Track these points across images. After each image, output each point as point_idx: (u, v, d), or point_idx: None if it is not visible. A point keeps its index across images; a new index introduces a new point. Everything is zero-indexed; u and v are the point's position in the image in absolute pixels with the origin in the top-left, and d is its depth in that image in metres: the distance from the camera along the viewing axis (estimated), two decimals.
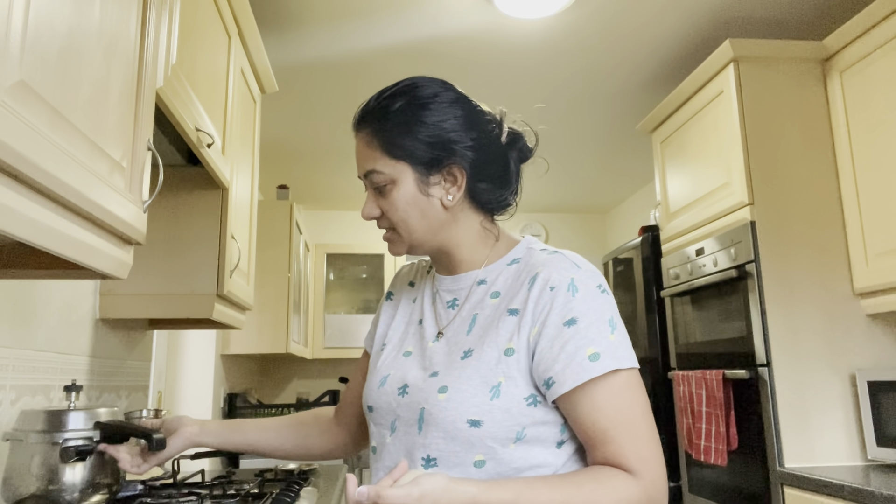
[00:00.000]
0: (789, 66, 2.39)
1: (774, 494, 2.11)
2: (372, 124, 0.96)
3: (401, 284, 1.13)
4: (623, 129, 3.57)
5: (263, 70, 2.34)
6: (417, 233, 0.97)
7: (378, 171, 0.95)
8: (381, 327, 1.10)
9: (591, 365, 0.85)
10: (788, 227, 2.27)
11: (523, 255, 0.98)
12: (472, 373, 0.89)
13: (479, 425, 0.86)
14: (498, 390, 0.87)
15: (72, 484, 1.25)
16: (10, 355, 1.42)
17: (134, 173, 1.07)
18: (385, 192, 0.96)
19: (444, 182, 0.96)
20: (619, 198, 4.93)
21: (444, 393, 0.89)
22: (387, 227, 0.99)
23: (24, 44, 0.73)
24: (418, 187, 0.95)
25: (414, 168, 0.95)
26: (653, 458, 0.86)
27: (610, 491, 0.82)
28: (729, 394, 2.31)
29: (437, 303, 1.03)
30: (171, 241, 1.84)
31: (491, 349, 0.90)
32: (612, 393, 0.86)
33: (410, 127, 0.94)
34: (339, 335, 4.65)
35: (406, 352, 1.01)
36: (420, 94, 0.96)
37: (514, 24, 2.51)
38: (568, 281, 0.89)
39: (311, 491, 1.85)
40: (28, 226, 0.77)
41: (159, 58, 1.21)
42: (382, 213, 0.98)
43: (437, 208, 0.96)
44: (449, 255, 1.01)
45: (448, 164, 0.95)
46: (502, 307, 0.93)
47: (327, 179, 4.42)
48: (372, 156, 0.96)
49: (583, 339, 0.86)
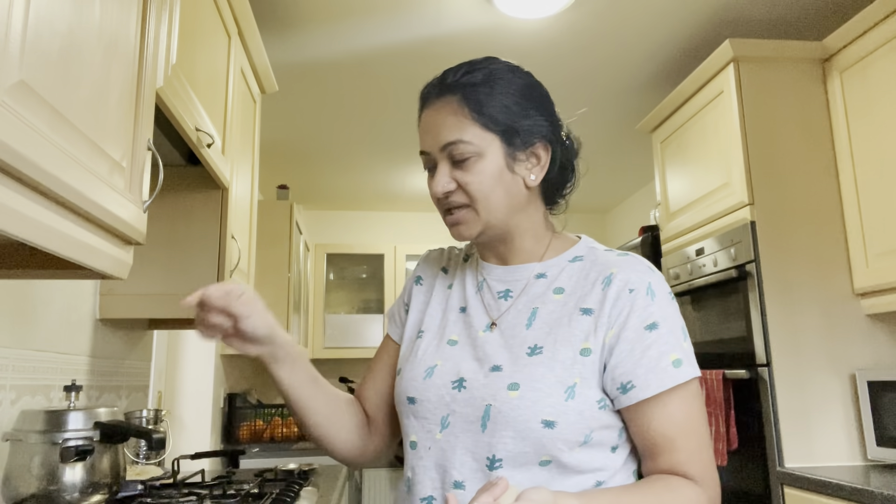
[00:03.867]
0: (789, 66, 2.39)
1: (774, 494, 2.10)
2: (461, 91, 0.91)
3: (431, 269, 1.07)
4: (623, 129, 3.56)
5: (263, 70, 2.34)
6: (498, 212, 0.91)
7: (465, 142, 0.89)
8: (413, 313, 1.03)
9: (675, 371, 0.84)
10: (788, 227, 2.27)
11: (586, 254, 0.96)
12: (545, 371, 0.86)
13: (553, 426, 0.83)
14: (573, 391, 0.84)
15: (72, 484, 1.25)
16: (10, 355, 1.42)
17: (134, 173, 1.07)
18: (467, 165, 0.90)
19: (529, 161, 0.93)
20: (619, 198, 4.93)
21: (516, 391, 0.85)
22: (460, 205, 0.92)
23: (24, 44, 0.73)
24: (506, 162, 0.91)
25: (504, 142, 0.91)
26: (713, 466, 0.87)
27: (683, 500, 0.82)
28: (729, 394, 2.31)
29: (484, 291, 0.98)
30: (171, 241, 1.84)
31: (565, 348, 0.87)
32: (684, 401, 0.85)
33: (507, 100, 0.91)
34: (339, 335, 4.65)
35: (451, 340, 0.95)
36: (520, 71, 0.95)
37: (514, 24, 2.51)
38: (646, 284, 0.88)
39: (311, 491, 1.85)
40: (28, 226, 0.77)
41: (159, 58, 1.21)
42: (460, 187, 0.91)
43: (521, 187, 0.93)
44: (510, 242, 0.97)
45: (536, 143, 0.93)
46: (571, 305, 0.90)
47: (327, 179, 4.42)
48: (458, 125, 0.90)
49: (665, 344, 0.85)
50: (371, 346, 4.60)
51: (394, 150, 3.89)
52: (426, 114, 0.94)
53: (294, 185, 4.49)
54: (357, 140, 3.71)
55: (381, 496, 4.58)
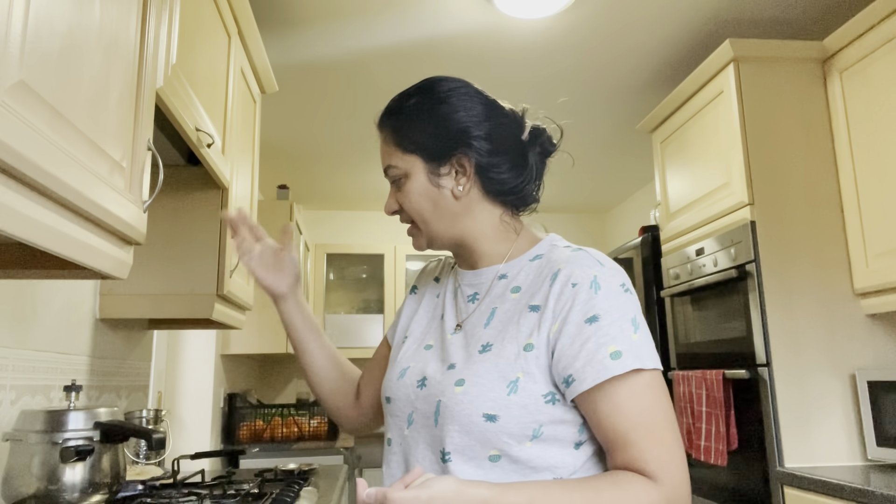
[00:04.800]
0: (789, 66, 2.39)
1: (774, 494, 2.11)
2: (389, 122, 1.01)
3: (426, 279, 1.15)
4: (623, 129, 3.57)
5: (263, 70, 2.34)
6: (433, 224, 0.99)
7: (393, 166, 0.99)
8: (403, 320, 1.11)
9: (613, 363, 0.84)
10: (788, 227, 2.27)
11: (546, 252, 0.98)
12: (489, 367, 0.88)
13: (495, 420, 0.85)
14: (515, 386, 0.86)
15: (72, 484, 1.25)
16: (10, 355, 1.42)
17: (134, 173, 1.07)
18: (401, 185, 0.99)
19: (454, 173, 0.98)
20: (619, 198, 4.93)
21: (461, 386, 0.88)
22: (407, 222, 1.02)
23: (24, 44, 0.73)
24: (428, 178, 0.98)
25: (424, 160, 0.98)
26: (674, 463, 0.83)
27: (629, 497, 0.80)
28: (729, 394, 2.31)
29: (458, 297, 1.03)
30: (171, 241, 1.84)
31: (510, 344, 0.89)
32: (633, 394, 0.84)
33: (421, 121, 0.98)
34: (339, 335, 4.65)
35: (427, 345, 1.01)
36: (434, 90, 0.99)
37: (514, 24, 2.51)
38: (591, 278, 0.89)
39: (311, 491, 1.85)
40: (28, 226, 0.77)
41: (159, 58, 1.21)
42: (401, 207, 1.01)
43: (449, 199, 0.98)
44: (469, 248, 1.02)
45: (457, 154, 0.97)
46: (523, 302, 0.93)
47: (327, 179, 4.42)
48: (388, 152, 1.00)
49: (604, 336, 0.85)
50: (371, 346, 4.61)
51: None
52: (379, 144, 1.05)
53: (294, 185, 4.49)
54: (357, 140, 3.71)
55: None
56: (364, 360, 4.91)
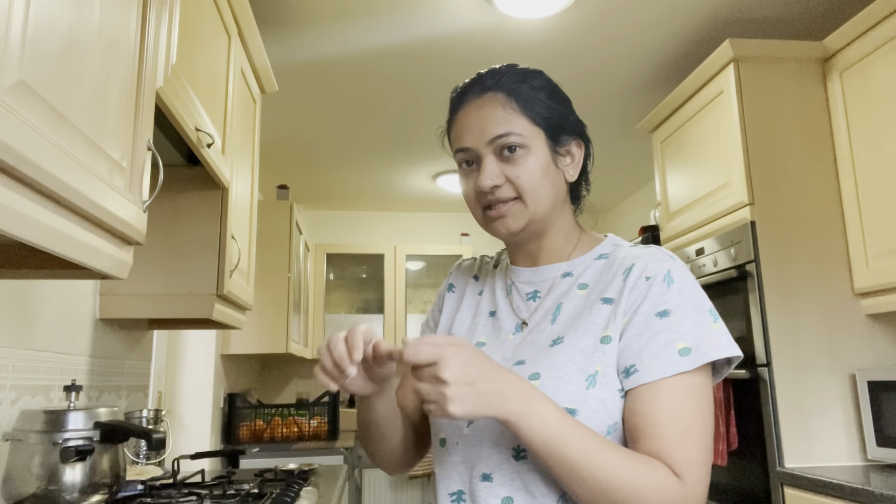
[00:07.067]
0: (789, 66, 2.39)
1: (774, 494, 2.10)
2: (509, 87, 0.94)
3: (463, 277, 1.10)
4: (623, 129, 3.57)
5: (263, 70, 2.34)
6: (544, 204, 0.93)
7: (516, 133, 0.91)
8: (444, 319, 1.07)
9: (682, 359, 0.82)
10: (788, 227, 2.27)
11: (611, 251, 0.97)
12: (565, 360, 0.85)
13: (575, 414, 0.82)
14: (594, 379, 0.84)
15: (72, 484, 1.25)
16: (10, 355, 1.42)
17: (134, 173, 1.07)
18: (516, 158, 0.91)
19: (567, 157, 0.97)
20: (619, 198, 4.94)
21: (537, 380, 0.85)
22: (508, 198, 0.92)
23: (24, 44, 0.73)
24: (552, 157, 0.94)
25: (549, 137, 0.94)
26: (700, 468, 0.80)
27: (654, 477, 0.77)
28: (729, 394, 2.31)
29: (513, 294, 1.00)
30: (171, 241, 1.84)
31: (585, 336, 0.87)
32: (682, 391, 0.81)
33: (549, 98, 0.96)
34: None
35: (479, 342, 0.98)
36: (543, 74, 1.01)
37: (514, 24, 2.51)
38: (665, 272, 0.87)
39: (310, 491, 1.85)
40: (28, 226, 0.77)
41: (159, 58, 1.21)
42: (508, 180, 0.92)
43: (562, 182, 0.96)
44: (543, 239, 0.99)
45: (572, 139, 0.97)
46: (594, 296, 0.91)
47: (327, 179, 4.42)
48: (507, 118, 0.92)
49: (675, 332, 0.83)
50: None
51: (394, 150, 3.89)
52: (467, 110, 0.96)
53: (294, 185, 4.49)
54: (357, 140, 3.71)
55: (381, 496, 4.58)
56: None
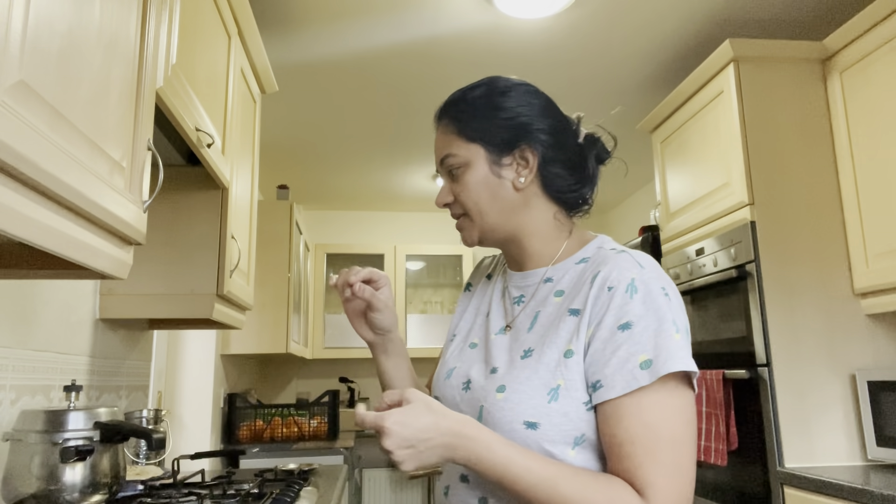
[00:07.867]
0: (789, 66, 2.39)
1: (774, 494, 2.10)
2: (450, 112, 1.00)
3: (479, 276, 1.14)
4: (623, 129, 3.57)
5: (263, 70, 2.34)
6: (489, 216, 0.97)
7: (452, 154, 0.97)
8: (455, 318, 1.11)
9: (642, 373, 0.81)
10: (788, 227, 2.27)
11: (593, 255, 0.96)
12: (530, 374, 0.87)
13: (536, 427, 0.84)
14: (556, 393, 0.85)
15: (72, 484, 1.25)
16: (10, 355, 1.42)
17: (134, 173, 1.07)
18: (458, 175, 0.97)
19: (516, 164, 0.97)
20: (619, 198, 4.94)
21: (503, 393, 0.88)
22: (459, 214, 1.00)
23: (24, 44, 0.73)
24: (490, 168, 0.96)
25: (487, 150, 0.96)
26: (668, 485, 0.78)
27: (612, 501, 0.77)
28: (729, 394, 2.31)
29: (505, 298, 1.03)
30: (171, 241, 1.84)
31: (550, 350, 0.88)
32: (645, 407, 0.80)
33: (486, 111, 0.97)
34: (339, 335, 4.65)
35: (472, 343, 1.02)
36: (499, 84, 1.00)
37: (513, 24, 2.51)
38: (628, 281, 0.86)
39: (311, 491, 1.85)
40: (28, 226, 0.77)
41: (159, 58, 1.21)
42: (455, 198, 0.98)
43: (509, 190, 0.97)
44: (520, 245, 1.00)
45: (521, 146, 0.96)
46: (564, 306, 0.92)
47: (327, 179, 4.42)
48: (448, 141, 0.99)
49: (636, 344, 0.82)
50: None
51: (394, 150, 3.89)
52: (435, 137, 1.03)
53: (294, 185, 4.50)
54: (357, 140, 3.71)
55: (381, 496, 4.58)
56: (364, 360, 4.92)
